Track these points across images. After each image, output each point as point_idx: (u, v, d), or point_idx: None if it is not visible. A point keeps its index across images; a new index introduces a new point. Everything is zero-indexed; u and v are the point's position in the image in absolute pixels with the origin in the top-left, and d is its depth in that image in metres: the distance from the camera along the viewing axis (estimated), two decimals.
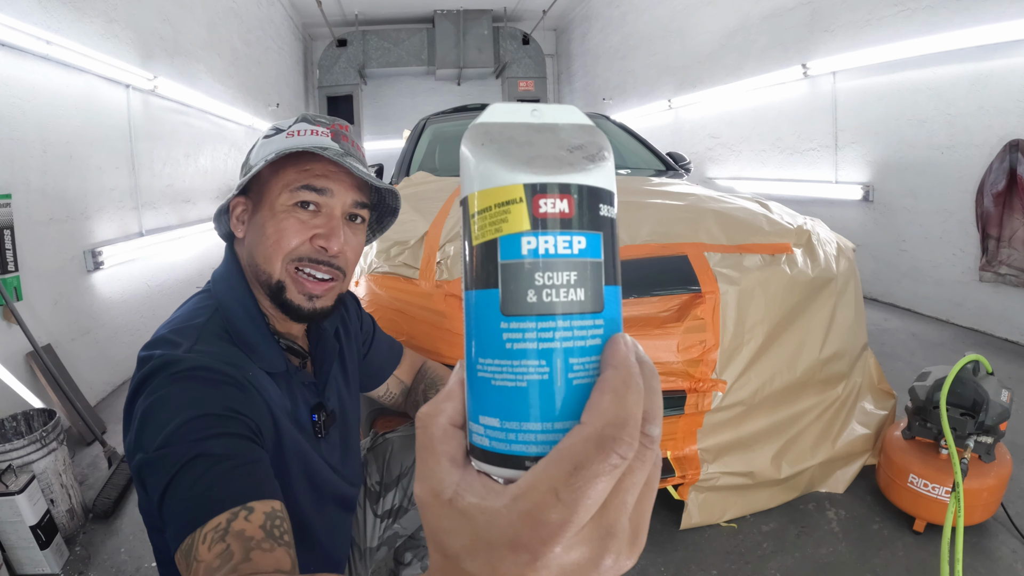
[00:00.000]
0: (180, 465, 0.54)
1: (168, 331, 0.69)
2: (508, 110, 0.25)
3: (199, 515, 0.52)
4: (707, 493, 1.43)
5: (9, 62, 2.05)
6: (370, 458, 1.08)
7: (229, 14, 4.74)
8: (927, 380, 1.45)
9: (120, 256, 2.68)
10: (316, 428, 0.79)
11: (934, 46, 2.79)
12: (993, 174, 2.59)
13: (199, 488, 0.53)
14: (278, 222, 0.71)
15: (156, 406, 0.60)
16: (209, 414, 0.58)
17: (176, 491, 0.54)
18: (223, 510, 0.52)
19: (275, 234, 0.70)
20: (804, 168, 3.96)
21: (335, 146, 0.73)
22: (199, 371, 0.62)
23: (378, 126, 8.83)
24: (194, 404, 0.59)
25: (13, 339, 1.97)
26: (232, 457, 0.56)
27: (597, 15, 7.53)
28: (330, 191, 0.72)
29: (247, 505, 0.52)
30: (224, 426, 0.58)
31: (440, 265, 1.46)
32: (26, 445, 1.52)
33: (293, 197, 0.71)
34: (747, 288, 1.38)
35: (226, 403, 0.61)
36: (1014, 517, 1.42)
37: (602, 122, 3.32)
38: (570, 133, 0.24)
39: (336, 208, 0.73)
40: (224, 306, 0.72)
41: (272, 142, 0.74)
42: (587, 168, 0.23)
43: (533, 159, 0.23)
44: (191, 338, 0.67)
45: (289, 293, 0.72)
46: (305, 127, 0.73)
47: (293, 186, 0.71)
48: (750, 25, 4.37)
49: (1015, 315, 2.63)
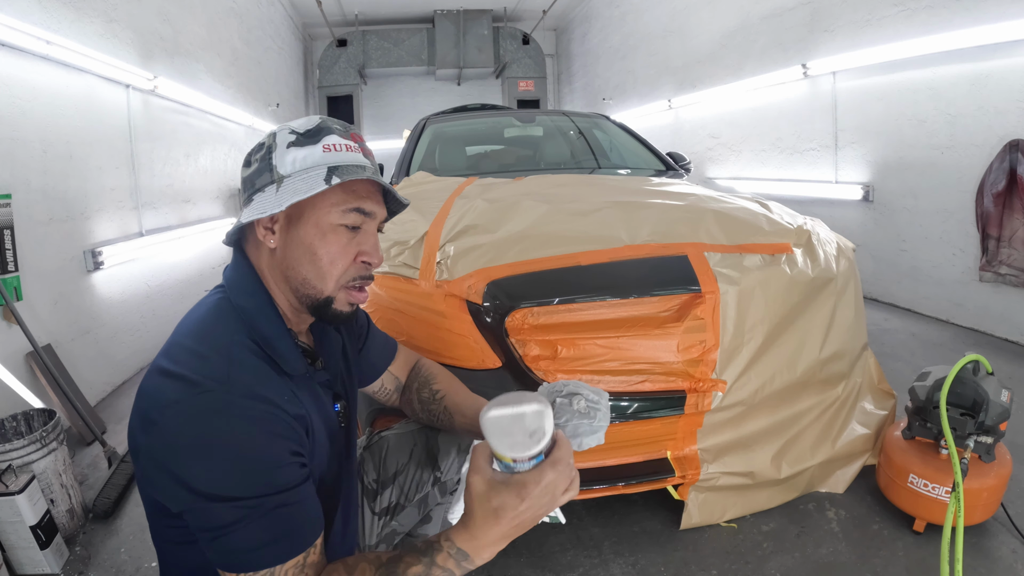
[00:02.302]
0: (252, 513, 0.62)
1: (193, 340, 0.68)
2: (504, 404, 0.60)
3: (280, 555, 0.63)
4: (707, 493, 1.43)
5: (9, 62, 2.05)
6: (366, 456, 1.08)
7: (229, 14, 4.74)
8: (927, 380, 1.45)
9: (120, 256, 2.68)
10: (340, 418, 0.84)
11: (934, 46, 2.79)
12: (993, 174, 2.59)
13: (277, 532, 0.63)
14: (328, 243, 0.74)
15: (218, 457, 0.61)
16: (279, 464, 0.64)
17: (248, 534, 0.62)
18: (301, 551, 0.65)
19: (327, 256, 0.74)
20: (804, 168, 3.96)
21: (367, 163, 0.76)
22: (253, 415, 0.64)
23: (378, 126, 8.83)
24: (262, 455, 0.63)
25: (13, 339, 1.97)
26: (302, 503, 0.66)
27: (597, 15, 7.53)
28: (373, 212, 0.77)
29: (314, 544, 0.66)
30: (293, 474, 0.66)
31: (440, 265, 1.46)
32: (26, 445, 1.52)
33: (343, 218, 0.74)
34: (747, 288, 1.38)
35: (288, 445, 0.66)
36: (1014, 517, 1.42)
37: (602, 122, 3.32)
38: (530, 421, 0.60)
39: (374, 226, 0.78)
40: (248, 313, 0.73)
41: (307, 153, 0.73)
42: (536, 445, 0.60)
43: (512, 446, 0.60)
44: (224, 353, 0.66)
45: (337, 304, 0.76)
46: (339, 142, 0.75)
47: (343, 207, 0.73)
48: (750, 25, 4.37)
49: (1015, 315, 2.63)
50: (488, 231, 1.56)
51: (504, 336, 1.35)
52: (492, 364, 1.38)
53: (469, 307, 1.38)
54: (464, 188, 2.04)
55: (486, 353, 1.38)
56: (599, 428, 0.77)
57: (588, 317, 1.36)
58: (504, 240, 1.49)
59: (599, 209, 1.64)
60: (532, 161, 3.12)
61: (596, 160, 2.88)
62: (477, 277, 1.37)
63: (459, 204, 1.79)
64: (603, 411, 0.78)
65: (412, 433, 1.09)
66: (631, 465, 1.39)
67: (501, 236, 1.52)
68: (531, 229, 1.54)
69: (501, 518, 0.60)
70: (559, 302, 1.34)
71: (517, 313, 1.34)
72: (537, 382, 1.33)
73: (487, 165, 3.18)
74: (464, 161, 3.18)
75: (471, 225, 1.59)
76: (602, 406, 0.78)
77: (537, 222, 1.58)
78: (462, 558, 0.63)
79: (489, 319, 1.36)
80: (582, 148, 3.02)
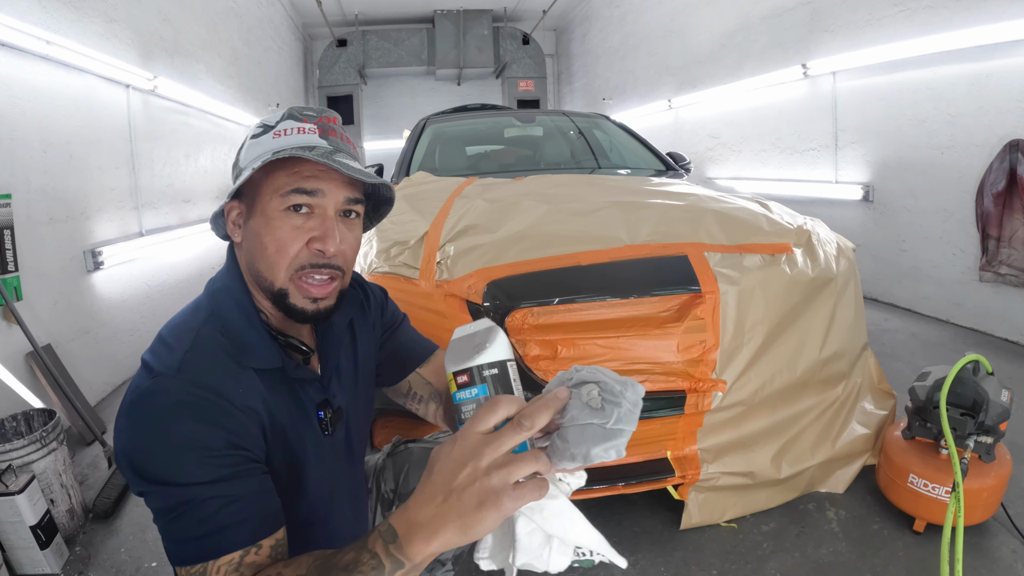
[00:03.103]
0: (188, 502, 0.59)
1: (167, 331, 0.70)
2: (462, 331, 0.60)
3: (212, 550, 0.59)
4: (707, 493, 1.43)
5: (9, 62, 2.05)
6: (388, 464, 1.05)
7: (229, 14, 4.74)
8: (927, 380, 1.45)
9: (120, 256, 2.68)
10: (323, 425, 0.79)
11: (934, 46, 2.79)
12: (993, 174, 2.59)
13: (211, 526, 0.59)
14: (273, 230, 0.70)
15: (154, 439, 0.61)
16: (211, 453, 0.61)
17: (185, 523, 0.59)
18: (236, 549, 0.59)
19: (272, 243, 0.70)
20: (804, 168, 3.96)
21: (323, 144, 0.71)
22: (192, 400, 0.63)
23: (378, 126, 8.83)
24: (194, 441, 0.61)
25: (13, 339, 1.97)
26: (240, 499, 0.61)
27: (597, 15, 7.53)
28: (321, 191, 0.70)
29: (258, 543, 0.61)
30: (230, 465, 0.62)
31: (440, 265, 1.46)
32: (26, 445, 1.52)
33: (284, 201, 0.70)
34: (747, 288, 1.38)
35: (226, 436, 0.63)
36: (1014, 517, 1.42)
37: (602, 122, 3.32)
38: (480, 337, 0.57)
39: (329, 208, 0.71)
40: (219, 305, 0.73)
41: (260, 143, 0.72)
42: (476, 356, 0.55)
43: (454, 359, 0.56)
44: (186, 342, 0.67)
45: (292, 298, 0.71)
46: (292, 125, 0.72)
47: (283, 190, 0.69)
48: (750, 25, 4.37)
49: (1015, 315, 2.63)
50: (488, 231, 1.56)
51: None
52: None
53: (469, 307, 1.38)
54: (464, 188, 2.04)
55: None
56: (615, 434, 0.52)
57: (588, 317, 1.36)
58: (504, 240, 1.49)
59: (599, 209, 1.64)
60: (532, 161, 3.12)
61: (596, 160, 2.88)
62: (477, 277, 1.37)
63: (459, 204, 1.79)
64: (626, 408, 0.53)
65: None
66: (631, 465, 1.39)
67: (501, 236, 1.52)
68: (531, 229, 1.54)
69: (432, 481, 0.50)
70: (559, 302, 1.34)
71: (517, 313, 1.34)
72: (537, 382, 1.33)
73: (487, 165, 3.18)
74: (464, 161, 3.18)
75: (471, 225, 1.59)
76: (625, 400, 0.54)
77: (537, 222, 1.58)
78: (390, 539, 0.51)
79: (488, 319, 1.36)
80: (582, 148, 3.02)
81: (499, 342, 0.55)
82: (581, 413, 0.53)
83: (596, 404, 0.53)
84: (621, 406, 0.53)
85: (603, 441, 0.52)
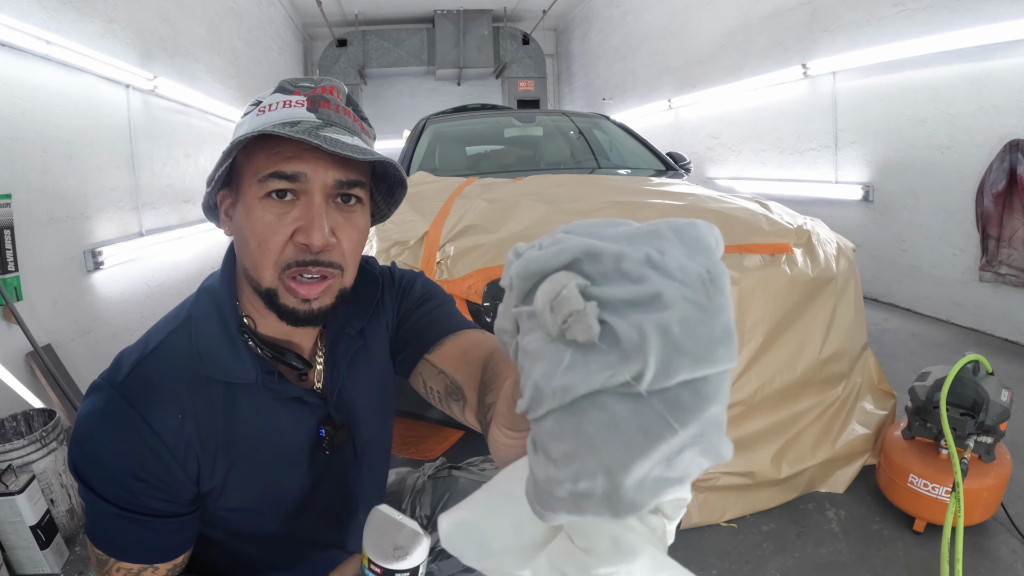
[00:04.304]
0: (93, 506, 0.62)
1: (149, 331, 0.69)
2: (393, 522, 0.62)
3: (117, 553, 0.63)
4: (707, 493, 1.43)
5: (9, 62, 2.05)
6: (428, 487, 0.97)
7: (229, 14, 4.74)
8: (927, 380, 1.45)
9: (120, 256, 2.68)
10: (323, 443, 0.70)
11: (934, 46, 2.79)
12: (993, 174, 2.59)
13: (112, 537, 0.63)
14: (252, 221, 0.60)
15: (77, 439, 0.62)
16: (117, 479, 0.61)
17: (93, 519, 0.63)
18: (136, 562, 0.64)
19: (253, 237, 0.61)
20: (804, 168, 3.96)
21: (310, 117, 0.60)
22: (115, 420, 0.61)
23: (378, 126, 8.75)
24: (103, 462, 0.61)
25: (13, 339, 1.97)
26: (141, 528, 0.63)
27: (597, 15, 7.53)
28: (303, 174, 0.59)
29: (154, 565, 0.65)
30: (138, 493, 0.62)
31: (440, 265, 1.46)
32: (26, 445, 1.52)
33: (262, 188, 0.60)
34: (747, 288, 1.38)
35: (134, 469, 0.61)
36: (1014, 517, 1.42)
37: (602, 122, 3.32)
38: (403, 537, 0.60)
39: (315, 193, 0.60)
40: (196, 310, 0.67)
41: (246, 122, 0.63)
42: (396, 560, 0.58)
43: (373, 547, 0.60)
44: (149, 347, 0.66)
45: (282, 298, 0.62)
46: (278, 99, 0.62)
47: (261, 174, 0.60)
48: (750, 25, 4.37)
49: (1015, 315, 2.63)
50: (488, 231, 1.56)
51: None
52: None
53: (469, 307, 1.38)
54: (464, 188, 2.04)
55: None
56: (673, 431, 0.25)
57: None
58: (504, 240, 1.49)
59: (599, 209, 1.64)
60: (532, 161, 3.12)
61: (596, 160, 2.88)
62: (477, 277, 1.37)
63: (459, 204, 1.79)
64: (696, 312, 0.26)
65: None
66: None
67: (501, 236, 1.52)
68: (531, 229, 1.54)
69: None
70: None
71: None
72: None
73: (487, 165, 3.19)
74: (464, 161, 3.18)
75: (471, 225, 1.59)
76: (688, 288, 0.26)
77: (537, 222, 1.58)
78: None
79: (489, 319, 1.36)
80: (582, 148, 3.02)
81: (420, 552, 0.60)
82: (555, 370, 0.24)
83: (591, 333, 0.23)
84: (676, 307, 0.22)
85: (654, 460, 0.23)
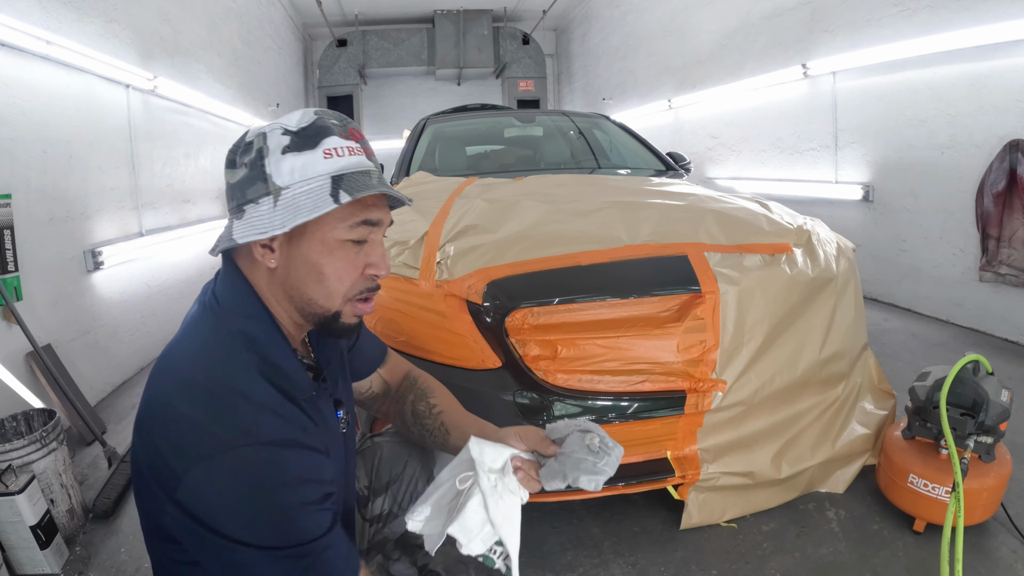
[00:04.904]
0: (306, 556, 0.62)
1: (208, 380, 0.64)
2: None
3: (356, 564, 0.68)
4: (707, 493, 1.43)
5: (9, 62, 2.05)
6: (358, 461, 1.04)
7: (229, 14, 4.73)
8: (927, 380, 1.45)
9: (120, 256, 2.68)
10: (342, 424, 0.83)
11: (934, 46, 2.79)
12: (993, 174, 2.59)
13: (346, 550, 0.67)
14: (335, 260, 0.69)
15: (247, 504, 0.60)
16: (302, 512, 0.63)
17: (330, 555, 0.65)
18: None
19: (334, 272, 0.69)
20: (804, 168, 3.96)
21: (371, 165, 0.70)
22: (278, 457, 0.62)
23: (378, 126, 8.82)
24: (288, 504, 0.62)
25: (13, 339, 1.97)
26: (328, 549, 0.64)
27: (597, 15, 7.53)
28: (381, 221, 0.72)
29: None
30: (316, 524, 0.64)
31: (440, 265, 1.46)
32: (26, 445, 1.52)
33: (350, 233, 0.69)
34: (747, 288, 1.38)
35: (317, 491, 0.65)
36: (1014, 517, 1.42)
37: (602, 122, 3.32)
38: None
39: (380, 234, 0.73)
40: (253, 339, 0.68)
41: (303, 159, 0.65)
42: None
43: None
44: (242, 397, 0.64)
45: (344, 318, 0.73)
46: (340, 144, 0.67)
47: (350, 221, 0.68)
48: (750, 25, 4.37)
49: (1015, 315, 2.63)
50: (488, 231, 1.56)
51: (504, 336, 1.35)
52: (492, 364, 1.38)
53: (469, 307, 1.38)
54: (464, 188, 2.04)
55: (486, 353, 1.38)
56: (601, 472, 0.73)
57: (588, 317, 1.36)
58: (504, 240, 1.49)
59: (599, 209, 1.64)
60: (532, 161, 3.12)
61: (596, 160, 2.88)
62: (477, 277, 1.37)
63: (459, 204, 1.79)
64: (612, 459, 0.75)
65: (407, 443, 1.06)
66: (631, 465, 1.38)
67: (501, 236, 1.52)
68: (531, 229, 1.54)
69: None
70: (559, 302, 1.34)
71: (517, 313, 1.34)
72: (537, 382, 1.33)
73: (487, 165, 3.18)
74: (464, 161, 3.18)
75: (471, 225, 1.59)
76: (613, 455, 0.75)
77: (537, 222, 1.58)
78: None
79: (489, 319, 1.36)
80: (582, 148, 3.02)
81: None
82: (580, 450, 0.74)
83: (595, 448, 0.74)
84: (610, 456, 0.75)
85: (591, 474, 0.73)
